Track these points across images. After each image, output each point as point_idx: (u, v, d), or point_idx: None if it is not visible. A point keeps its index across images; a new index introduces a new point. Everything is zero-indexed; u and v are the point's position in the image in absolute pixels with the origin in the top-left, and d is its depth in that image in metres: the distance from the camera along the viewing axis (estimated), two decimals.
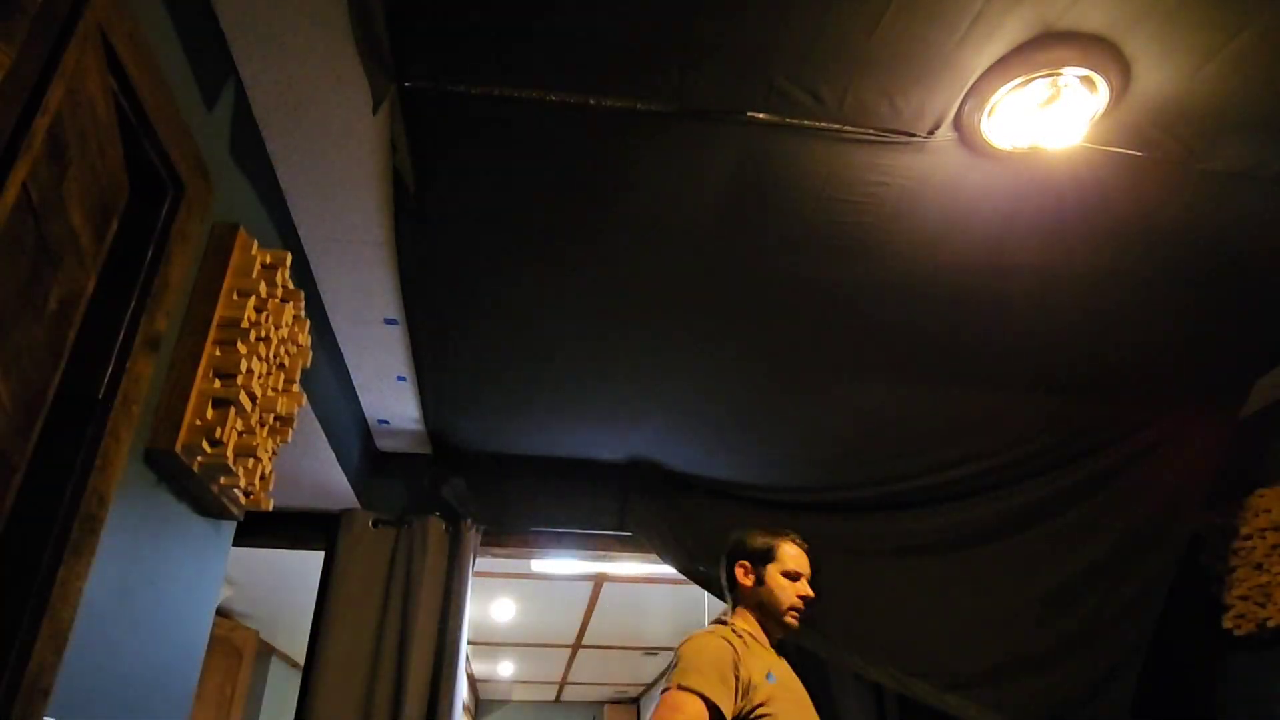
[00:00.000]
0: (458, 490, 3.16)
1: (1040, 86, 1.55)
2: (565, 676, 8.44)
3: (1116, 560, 2.83)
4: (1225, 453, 2.79)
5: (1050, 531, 2.92)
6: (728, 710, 1.66)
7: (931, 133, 1.68)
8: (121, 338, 1.21)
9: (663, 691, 1.71)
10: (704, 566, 3.12)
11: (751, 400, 2.77)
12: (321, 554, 3.12)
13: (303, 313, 1.75)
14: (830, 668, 3.27)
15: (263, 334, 1.56)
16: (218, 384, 1.43)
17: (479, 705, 9.56)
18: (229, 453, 1.45)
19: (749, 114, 1.64)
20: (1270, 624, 2.58)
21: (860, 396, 2.72)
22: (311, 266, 2.18)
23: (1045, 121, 1.61)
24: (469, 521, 3.16)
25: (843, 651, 2.92)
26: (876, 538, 3.10)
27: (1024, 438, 2.89)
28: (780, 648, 1.94)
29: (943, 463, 3.02)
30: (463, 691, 3.03)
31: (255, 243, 1.56)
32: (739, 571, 1.96)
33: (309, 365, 1.79)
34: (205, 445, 1.40)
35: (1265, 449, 2.78)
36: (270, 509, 1.70)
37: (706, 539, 3.16)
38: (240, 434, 1.50)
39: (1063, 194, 1.85)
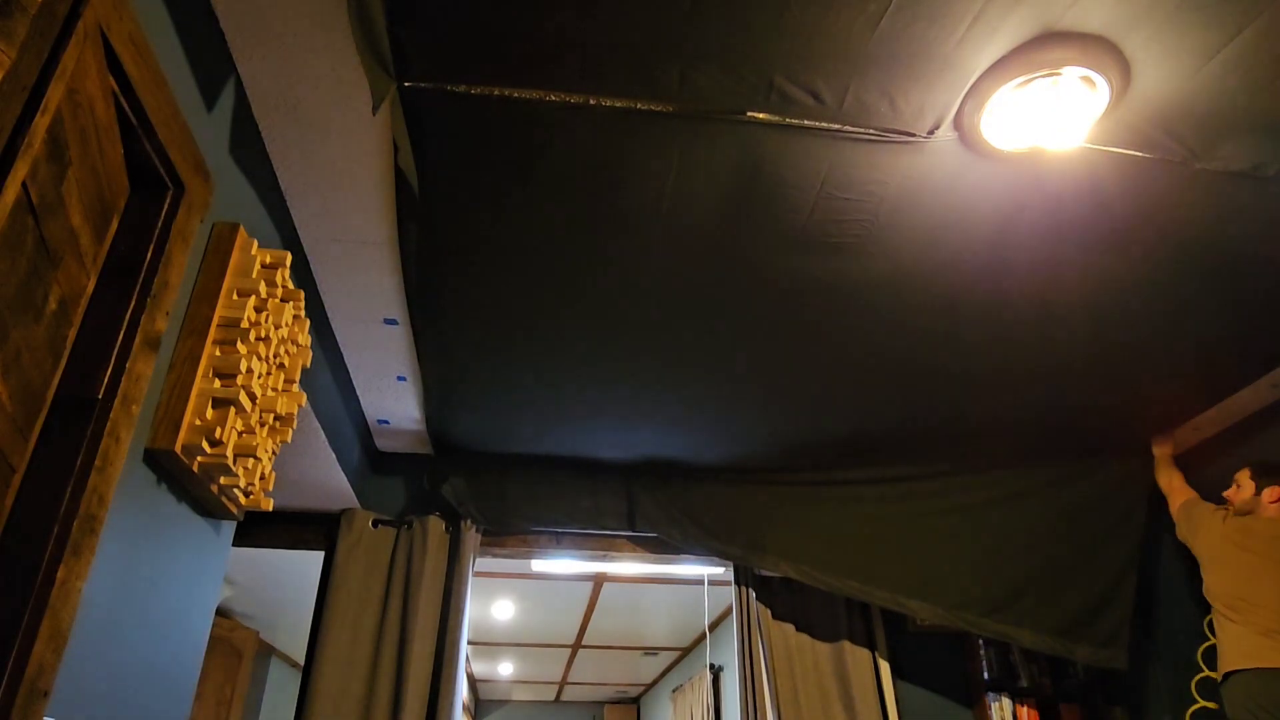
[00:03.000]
0: (458, 490, 3.16)
1: (1040, 86, 1.55)
2: (565, 676, 8.44)
3: (1094, 499, 3.11)
4: (1223, 452, 2.80)
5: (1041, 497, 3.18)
6: None
7: (931, 133, 1.68)
8: (121, 338, 1.21)
9: None
10: (721, 544, 3.19)
11: (751, 399, 2.77)
12: (321, 554, 3.12)
13: (303, 313, 1.75)
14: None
15: (263, 334, 1.56)
16: (218, 384, 1.43)
17: (479, 705, 9.56)
18: (229, 453, 1.45)
19: (749, 114, 1.64)
20: None
21: (860, 396, 2.72)
22: (311, 266, 2.18)
23: (1045, 122, 1.61)
24: (469, 521, 3.16)
25: (877, 593, 3.09)
26: (896, 500, 3.26)
27: (1023, 437, 2.89)
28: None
29: (942, 462, 3.03)
30: (463, 691, 3.03)
31: (255, 243, 1.56)
32: None
33: (309, 365, 1.79)
34: (205, 445, 1.40)
35: (1265, 449, 2.78)
36: (270, 509, 1.70)
37: (724, 516, 3.23)
38: (240, 434, 1.50)
39: (1063, 194, 1.85)
